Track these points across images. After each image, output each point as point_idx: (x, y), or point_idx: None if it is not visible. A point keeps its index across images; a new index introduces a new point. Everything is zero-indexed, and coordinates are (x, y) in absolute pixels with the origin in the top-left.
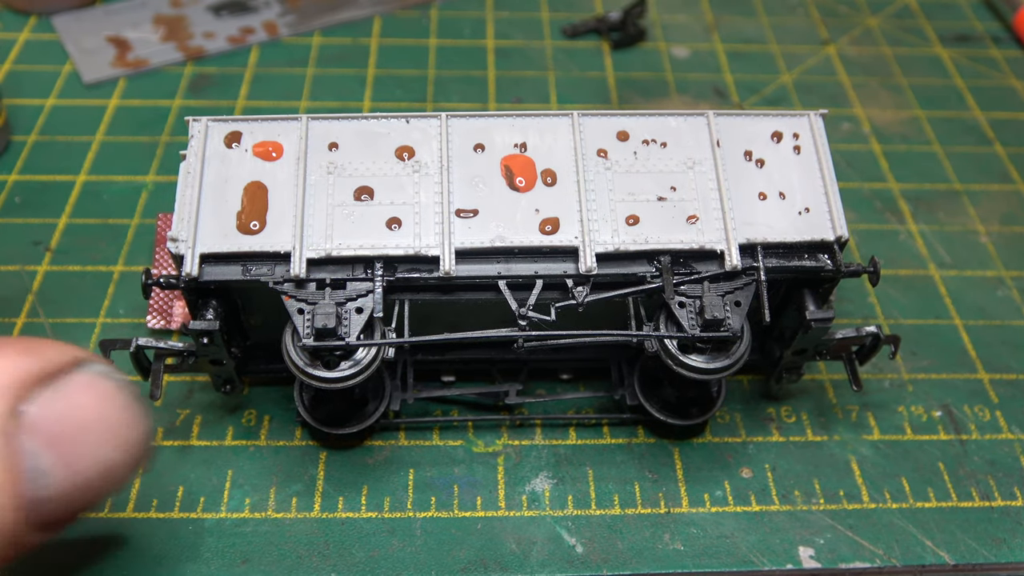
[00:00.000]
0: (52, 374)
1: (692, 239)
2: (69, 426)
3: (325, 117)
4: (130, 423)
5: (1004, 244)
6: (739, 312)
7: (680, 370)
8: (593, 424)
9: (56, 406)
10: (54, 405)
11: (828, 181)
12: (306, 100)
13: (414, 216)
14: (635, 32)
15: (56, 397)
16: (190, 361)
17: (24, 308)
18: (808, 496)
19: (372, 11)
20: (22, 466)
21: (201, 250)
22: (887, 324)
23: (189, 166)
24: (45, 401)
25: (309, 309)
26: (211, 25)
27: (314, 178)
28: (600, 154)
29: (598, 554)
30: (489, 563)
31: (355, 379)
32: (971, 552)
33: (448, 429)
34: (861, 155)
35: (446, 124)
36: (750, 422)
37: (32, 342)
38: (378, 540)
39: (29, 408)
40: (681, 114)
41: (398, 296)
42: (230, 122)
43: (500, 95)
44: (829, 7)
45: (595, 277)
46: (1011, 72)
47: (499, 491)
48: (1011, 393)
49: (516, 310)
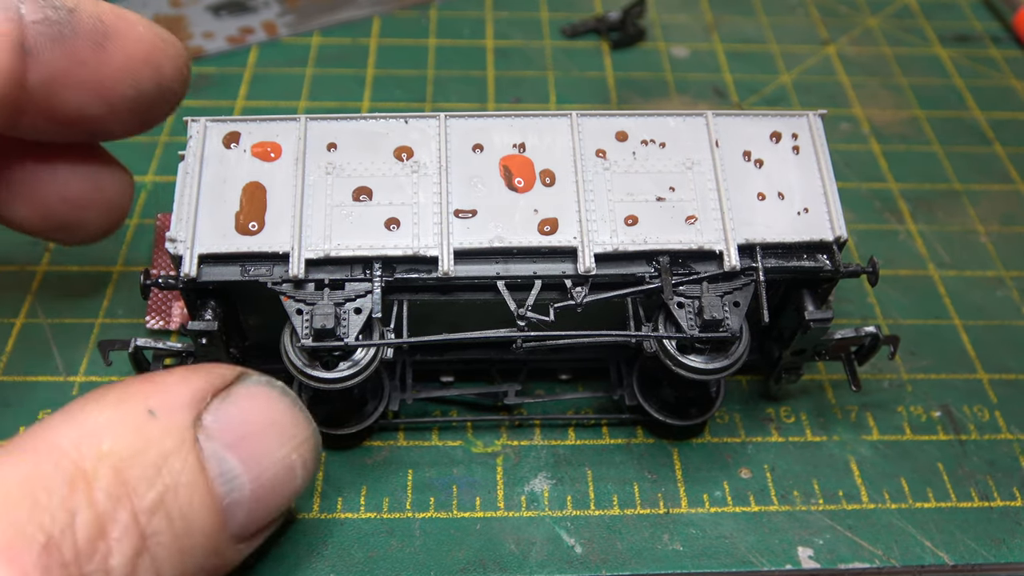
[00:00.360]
0: (221, 388)
1: (691, 239)
2: (245, 430)
3: (324, 117)
4: (297, 423)
5: (1004, 244)
6: (738, 312)
7: (679, 370)
8: (592, 424)
9: (230, 413)
10: (228, 413)
11: (827, 181)
12: (305, 100)
13: (412, 216)
14: (634, 32)
15: (228, 406)
16: (189, 361)
17: (23, 308)
18: (807, 496)
19: (371, 11)
20: (212, 470)
21: (200, 251)
22: (886, 324)
23: (188, 166)
24: (220, 411)
25: (308, 310)
26: (210, 25)
27: (313, 178)
28: (599, 154)
29: (597, 554)
30: (488, 564)
31: (354, 380)
32: (970, 552)
33: (447, 429)
34: (860, 155)
35: (444, 124)
36: (749, 422)
37: (197, 366)
38: (377, 540)
39: (207, 418)
40: (680, 114)
41: (397, 296)
42: (228, 122)
43: (499, 95)
44: (829, 7)
45: (594, 277)
46: (1011, 72)
47: (498, 491)
48: (1010, 393)
49: (515, 310)
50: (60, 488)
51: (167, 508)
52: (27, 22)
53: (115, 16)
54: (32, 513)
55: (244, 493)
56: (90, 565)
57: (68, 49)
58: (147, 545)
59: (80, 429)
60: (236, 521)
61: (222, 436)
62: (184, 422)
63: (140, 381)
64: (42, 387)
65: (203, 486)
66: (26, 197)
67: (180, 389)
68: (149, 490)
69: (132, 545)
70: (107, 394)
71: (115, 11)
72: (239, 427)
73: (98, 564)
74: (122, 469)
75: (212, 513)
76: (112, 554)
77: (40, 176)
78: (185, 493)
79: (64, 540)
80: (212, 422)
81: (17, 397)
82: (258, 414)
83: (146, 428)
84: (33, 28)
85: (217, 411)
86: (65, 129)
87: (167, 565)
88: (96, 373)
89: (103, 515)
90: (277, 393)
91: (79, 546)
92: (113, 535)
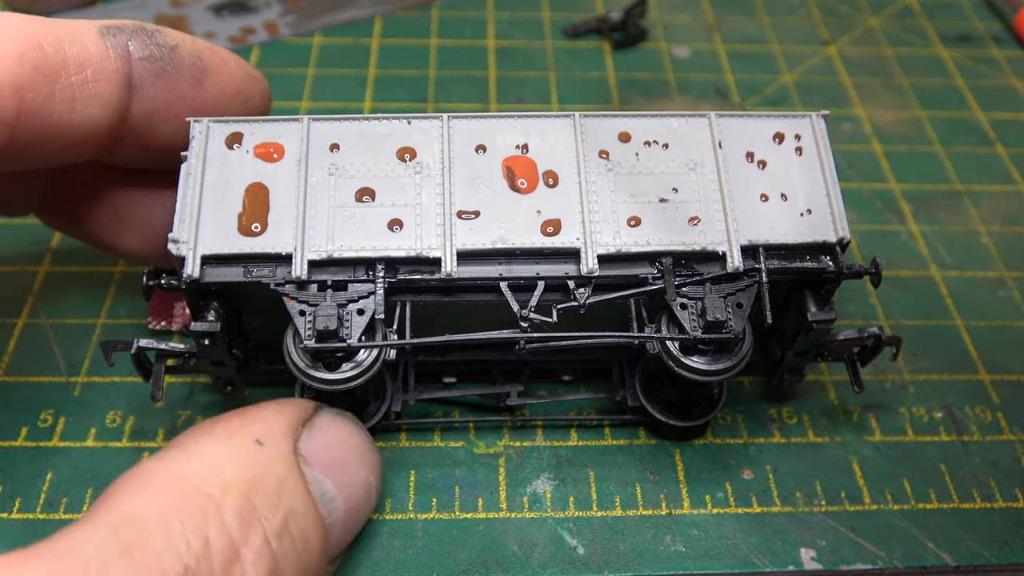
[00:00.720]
0: (306, 419)
1: (694, 240)
2: (334, 456)
3: (326, 118)
4: (371, 448)
5: (1005, 245)
6: (741, 314)
7: (682, 372)
8: (594, 425)
9: (320, 441)
10: (318, 440)
11: (830, 182)
12: (307, 100)
13: (415, 217)
14: (636, 32)
15: (317, 434)
16: (191, 362)
17: (25, 309)
18: (810, 497)
19: (373, 11)
20: (315, 493)
21: (202, 252)
22: (888, 325)
23: (190, 167)
24: (311, 439)
25: (311, 311)
26: (212, 25)
27: (315, 179)
28: (602, 155)
29: (599, 556)
30: (491, 564)
31: (356, 381)
32: (973, 553)
33: (449, 430)
34: (862, 155)
35: (447, 125)
36: (752, 423)
37: (281, 400)
38: (380, 541)
39: (302, 446)
40: (683, 115)
41: (399, 298)
42: (231, 123)
43: (501, 95)
44: (830, 7)
45: (597, 279)
46: (1012, 72)
47: (500, 492)
48: (1012, 394)
49: (518, 311)
50: (194, 517)
51: (291, 530)
52: (134, 59)
53: (211, 53)
54: (168, 543)
55: (340, 515)
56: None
57: (169, 84)
58: (279, 566)
59: (200, 460)
60: (333, 542)
61: (317, 462)
62: (288, 449)
63: (238, 414)
64: (44, 387)
65: (313, 508)
66: (134, 226)
67: (278, 420)
68: (275, 514)
69: (267, 567)
70: (213, 427)
71: (211, 48)
72: (329, 453)
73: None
74: (249, 495)
75: (321, 533)
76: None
77: (146, 205)
78: (302, 515)
79: (200, 568)
80: (307, 449)
81: (19, 397)
82: (342, 441)
83: (260, 456)
84: (139, 64)
85: (309, 439)
86: (156, 157)
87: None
88: (98, 374)
89: (236, 540)
90: (351, 422)
91: (216, 573)
92: (248, 559)
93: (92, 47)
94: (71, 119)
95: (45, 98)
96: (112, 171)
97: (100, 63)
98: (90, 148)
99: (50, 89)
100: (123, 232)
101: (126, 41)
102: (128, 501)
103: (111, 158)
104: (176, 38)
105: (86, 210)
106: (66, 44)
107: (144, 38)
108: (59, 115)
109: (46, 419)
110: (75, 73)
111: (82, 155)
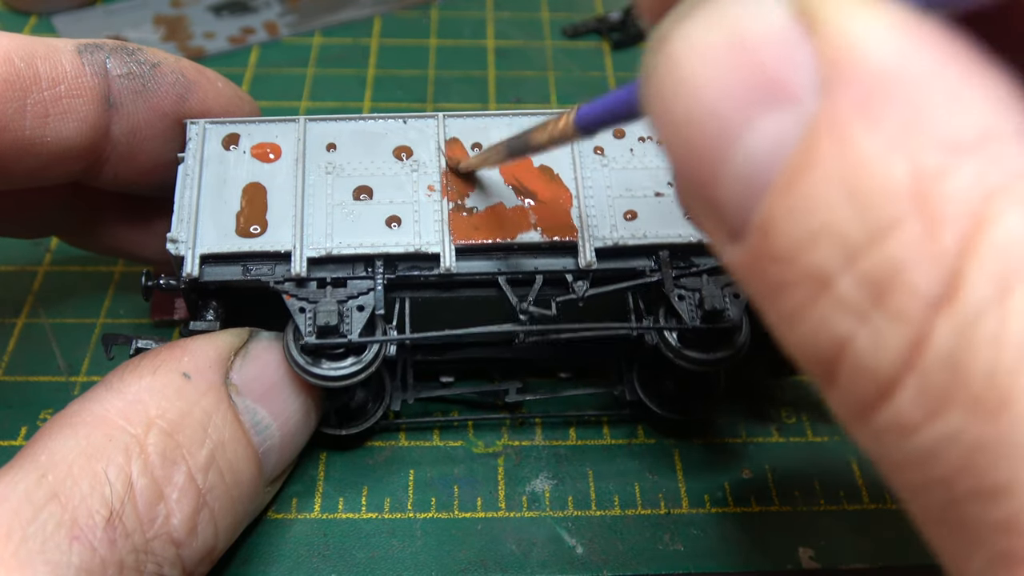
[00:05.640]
0: (239, 347)
1: (690, 233)
2: (268, 383)
3: (322, 118)
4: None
5: None
6: (738, 304)
7: (680, 362)
8: (593, 423)
9: (253, 369)
10: (251, 369)
11: None
12: (306, 100)
13: (413, 214)
14: (636, 32)
15: (250, 362)
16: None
17: (24, 308)
18: (808, 497)
19: (372, 11)
20: (247, 423)
21: (201, 251)
22: None
23: (187, 168)
24: (244, 368)
25: (311, 308)
26: (211, 25)
27: (313, 178)
28: (597, 151)
29: (598, 555)
30: (489, 564)
31: (357, 377)
32: None
33: (448, 429)
34: None
35: (443, 124)
36: (750, 423)
37: (214, 331)
38: (378, 541)
39: (233, 375)
40: None
41: (399, 294)
42: (228, 124)
43: (500, 95)
44: None
45: (594, 272)
46: None
47: (499, 491)
48: None
49: (516, 305)
50: (116, 458)
51: (218, 463)
52: (113, 76)
53: (196, 72)
54: (92, 487)
55: (275, 441)
56: (152, 530)
57: (151, 102)
58: (205, 501)
59: (124, 398)
60: (269, 466)
61: (250, 390)
62: (217, 381)
63: (168, 348)
64: (43, 387)
65: (244, 438)
66: (162, 237)
67: (208, 351)
68: (200, 449)
69: (191, 504)
70: (140, 363)
71: (197, 68)
72: (263, 380)
73: (160, 527)
74: (173, 432)
75: (253, 463)
76: (173, 514)
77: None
78: (231, 447)
79: (126, 510)
80: (239, 378)
81: (18, 397)
82: (276, 367)
83: (186, 390)
84: (118, 82)
85: (241, 368)
86: (143, 178)
87: (222, 516)
88: (98, 373)
89: (160, 479)
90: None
91: (140, 513)
92: (172, 497)
93: (67, 63)
94: (44, 135)
95: (15, 112)
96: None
97: (75, 79)
98: (71, 166)
99: (20, 103)
100: (151, 243)
101: (104, 58)
102: (53, 444)
103: (98, 181)
104: (158, 56)
105: (110, 227)
106: (39, 59)
107: (124, 56)
108: (31, 130)
109: (46, 419)
110: (48, 88)
111: (64, 174)
